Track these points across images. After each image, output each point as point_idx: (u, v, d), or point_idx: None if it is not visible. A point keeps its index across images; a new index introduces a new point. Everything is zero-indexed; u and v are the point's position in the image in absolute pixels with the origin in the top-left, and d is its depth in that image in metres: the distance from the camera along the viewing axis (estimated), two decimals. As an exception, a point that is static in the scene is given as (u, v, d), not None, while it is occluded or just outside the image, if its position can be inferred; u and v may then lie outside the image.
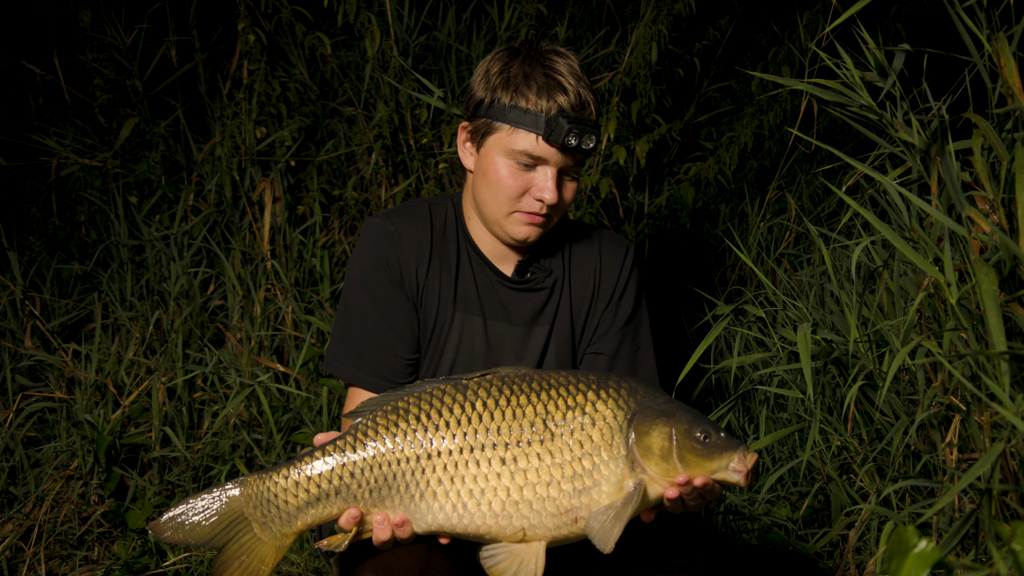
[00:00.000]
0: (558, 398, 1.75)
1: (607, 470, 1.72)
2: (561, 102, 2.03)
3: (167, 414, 3.29)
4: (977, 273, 1.76)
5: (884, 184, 2.04)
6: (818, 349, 2.58)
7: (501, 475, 1.72)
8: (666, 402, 1.77)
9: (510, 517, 1.72)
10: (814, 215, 3.85)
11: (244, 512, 1.76)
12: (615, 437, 1.73)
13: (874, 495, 2.52)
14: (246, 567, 1.76)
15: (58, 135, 3.84)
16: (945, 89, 2.21)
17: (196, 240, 3.60)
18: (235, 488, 1.75)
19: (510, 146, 2.06)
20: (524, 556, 1.74)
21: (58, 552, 2.99)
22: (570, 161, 2.08)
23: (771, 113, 3.94)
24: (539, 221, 2.10)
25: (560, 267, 2.24)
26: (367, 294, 2.13)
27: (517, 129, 2.05)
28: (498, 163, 2.08)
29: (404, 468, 1.74)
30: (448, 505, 1.73)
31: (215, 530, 1.75)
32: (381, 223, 2.16)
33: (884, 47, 2.09)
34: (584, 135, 2.03)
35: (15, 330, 3.46)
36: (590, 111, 2.07)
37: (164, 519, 1.74)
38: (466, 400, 1.75)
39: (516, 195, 2.08)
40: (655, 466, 1.71)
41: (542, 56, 2.08)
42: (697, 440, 1.70)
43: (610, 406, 1.74)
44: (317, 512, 1.75)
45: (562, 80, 2.05)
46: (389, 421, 1.75)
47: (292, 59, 3.81)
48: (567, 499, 1.72)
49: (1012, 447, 1.99)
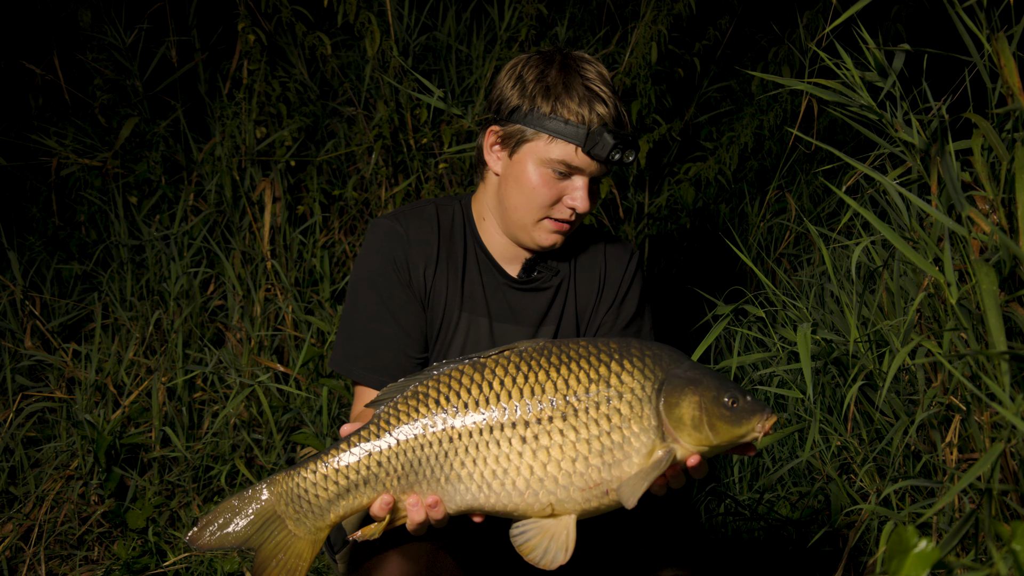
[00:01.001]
0: (579, 371, 1.74)
1: (638, 442, 1.71)
2: (603, 114, 2.06)
3: (167, 414, 3.29)
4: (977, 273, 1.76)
5: (884, 184, 2.04)
6: (818, 349, 2.58)
7: (523, 454, 1.71)
8: (691, 368, 1.76)
9: (536, 494, 1.72)
10: (814, 215, 3.85)
11: (277, 511, 1.77)
12: (644, 408, 1.72)
13: (874, 495, 2.52)
14: (283, 565, 1.78)
15: (58, 135, 3.84)
16: (945, 89, 2.21)
17: (196, 240, 3.60)
18: (266, 488, 1.77)
19: (548, 155, 2.07)
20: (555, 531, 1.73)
21: (58, 552, 2.99)
22: (604, 171, 2.11)
23: (771, 113, 3.94)
24: (566, 229, 2.13)
25: (566, 268, 2.25)
26: (376, 294, 2.13)
27: (555, 139, 2.06)
28: (532, 171, 2.09)
29: (429, 453, 1.75)
30: (474, 486, 1.73)
31: (250, 532, 1.77)
32: (389, 224, 2.16)
33: (884, 47, 2.09)
34: (627, 149, 2.07)
35: (15, 330, 3.47)
36: (627, 122, 2.12)
37: (200, 528, 1.76)
38: (483, 379, 1.75)
39: (549, 203, 2.10)
40: (687, 436, 1.71)
41: (577, 64, 2.10)
42: (725, 406, 1.70)
43: (636, 377, 1.73)
44: (348, 503, 1.77)
45: (600, 91, 2.08)
46: (410, 407, 1.76)
47: (292, 59, 3.81)
48: (596, 473, 1.71)
49: (1012, 447, 1.99)
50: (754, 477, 3.17)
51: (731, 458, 3.18)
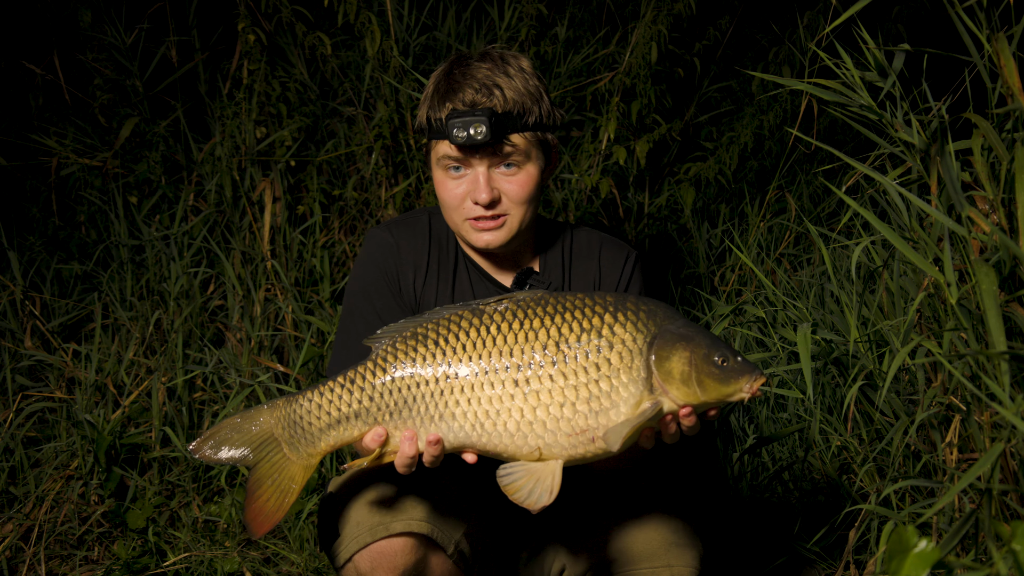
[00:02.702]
0: (572, 321, 1.79)
1: (626, 392, 1.76)
2: (455, 102, 2.04)
3: (167, 414, 3.29)
4: (977, 273, 1.76)
5: (884, 184, 2.04)
6: (818, 349, 2.58)
7: (515, 396, 1.77)
8: (685, 325, 1.80)
9: (525, 436, 1.77)
10: (814, 215, 3.85)
11: (274, 433, 1.87)
12: (635, 360, 1.76)
13: (874, 495, 2.52)
14: (277, 485, 1.87)
15: (58, 135, 3.84)
16: (945, 89, 2.21)
17: (196, 240, 3.60)
18: (266, 410, 1.88)
19: (436, 156, 2.10)
20: (540, 474, 1.78)
21: (58, 552, 2.99)
22: (493, 153, 2.05)
23: (771, 113, 3.93)
24: (491, 225, 2.10)
25: (559, 277, 2.24)
26: (369, 305, 2.17)
27: (436, 141, 2.09)
28: (437, 177, 2.12)
29: (424, 391, 1.80)
30: (468, 425, 1.79)
31: (248, 449, 1.87)
32: (381, 234, 2.20)
33: (884, 47, 2.08)
34: (470, 126, 2.00)
35: (15, 330, 3.47)
36: (496, 99, 2.04)
37: (202, 440, 1.87)
38: (482, 324, 1.81)
39: (458, 203, 2.10)
40: (676, 390, 1.75)
41: (460, 64, 2.10)
42: (715, 364, 1.75)
43: (628, 329, 1.78)
44: (339, 433, 1.85)
45: (465, 81, 2.06)
46: (408, 347, 1.82)
47: (292, 59, 3.81)
48: (583, 419, 1.76)
49: (1012, 447, 1.99)
50: (754, 477, 3.17)
51: (731, 458, 3.18)
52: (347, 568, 1.98)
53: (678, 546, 2.07)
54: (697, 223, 3.99)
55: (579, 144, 3.81)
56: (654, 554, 2.07)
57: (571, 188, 3.75)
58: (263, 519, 1.86)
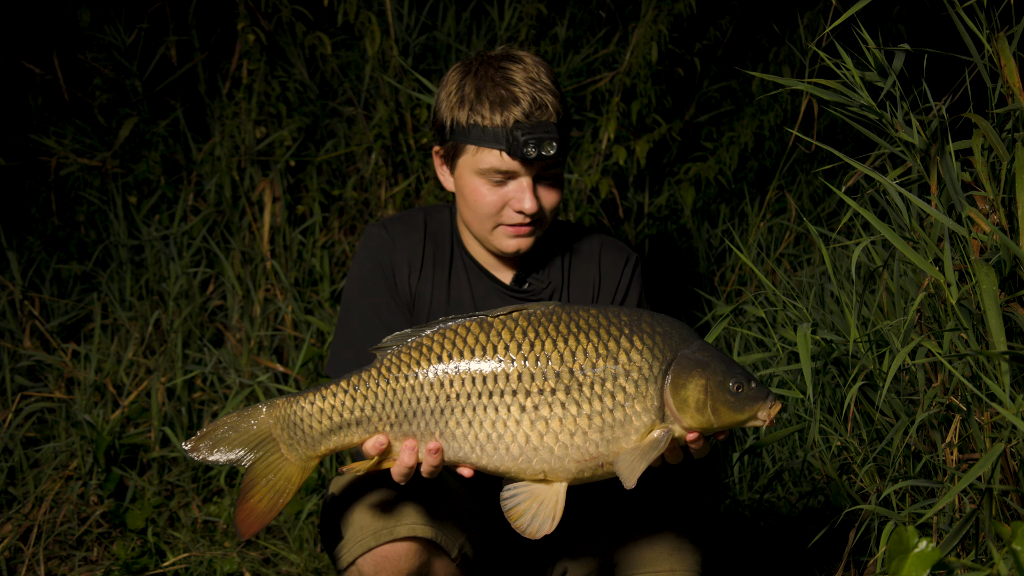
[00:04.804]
0: (587, 344, 1.73)
1: (639, 421, 1.72)
2: (516, 113, 2.02)
3: (166, 414, 3.29)
4: (977, 273, 1.76)
5: (884, 184, 2.04)
6: (818, 349, 2.58)
7: (521, 422, 1.72)
8: (700, 348, 1.76)
9: (529, 461, 1.73)
10: (814, 215, 3.85)
11: (272, 433, 1.84)
12: (649, 388, 1.72)
13: (874, 495, 2.52)
14: (273, 485, 1.84)
15: (57, 135, 3.83)
16: (945, 89, 2.21)
17: (196, 240, 3.60)
18: (265, 410, 1.84)
19: (478, 165, 2.06)
20: (544, 497, 1.74)
21: (57, 552, 2.99)
22: (542, 167, 2.06)
23: (771, 113, 3.93)
24: (525, 232, 2.10)
25: (559, 277, 2.24)
26: (366, 302, 2.17)
27: (480, 148, 2.05)
28: (471, 183, 2.09)
29: (425, 407, 1.76)
30: (467, 446, 1.75)
31: (245, 448, 1.85)
32: (377, 231, 2.20)
33: (884, 47, 2.08)
34: (542, 143, 2.01)
35: (14, 330, 3.46)
36: (549, 113, 2.04)
37: (198, 438, 1.84)
38: (488, 341, 1.75)
39: (495, 211, 2.09)
40: (690, 418, 1.72)
41: (494, 66, 2.07)
42: (730, 392, 1.72)
43: (645, 356, 1.73)
44: (339, 439, 1.82)
45: (515, 89, 2.04)
46: (412, 359, 1.78)
47: (292, 59, 3.81)
48: (594, 448, 1.72)
49: (1012, 447, 1.99)
50: (754, 477, 3.16)
51: (731, 458, 3.18)
52: (350, 571, 1.97)
53: (681, 550, 2.07)
54: (697, 223, 3.98)
55: (579, 144, 3.80)
56: (657, 558, 2.07)
57: (571, 188, 3.75)
58: (253, 520, 1.83)
